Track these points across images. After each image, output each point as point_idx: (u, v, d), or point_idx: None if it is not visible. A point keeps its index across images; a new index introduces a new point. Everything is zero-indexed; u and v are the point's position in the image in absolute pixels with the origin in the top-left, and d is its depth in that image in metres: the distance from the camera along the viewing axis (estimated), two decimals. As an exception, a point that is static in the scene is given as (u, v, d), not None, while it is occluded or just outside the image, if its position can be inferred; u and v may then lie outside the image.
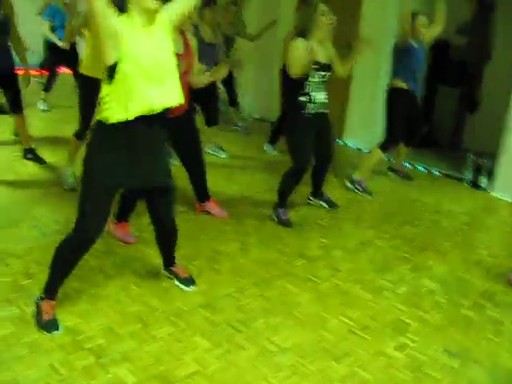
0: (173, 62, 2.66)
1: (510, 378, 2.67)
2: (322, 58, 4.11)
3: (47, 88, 7.69)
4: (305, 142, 4.24)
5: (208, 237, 3.98)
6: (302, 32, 4.11)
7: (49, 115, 7.54)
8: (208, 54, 4.94)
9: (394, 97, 5.14)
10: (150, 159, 2.73)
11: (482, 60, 6.42)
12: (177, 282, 3.28)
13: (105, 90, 2.55)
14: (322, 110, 4.23)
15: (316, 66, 4.05)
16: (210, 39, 5.04)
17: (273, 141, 6.38)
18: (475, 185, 5.67)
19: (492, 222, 4.80)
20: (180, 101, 2.68)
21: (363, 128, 6.71)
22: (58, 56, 7.06)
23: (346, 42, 6.76)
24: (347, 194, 5.16)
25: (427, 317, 3.15)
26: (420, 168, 6.22)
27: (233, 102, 7.39)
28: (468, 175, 5.76)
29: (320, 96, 4.18)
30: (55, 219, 4.05)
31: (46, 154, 5.53)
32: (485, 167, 5.61)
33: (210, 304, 3.10)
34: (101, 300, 3.05)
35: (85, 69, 4.42)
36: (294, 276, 3.51)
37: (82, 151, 4.65)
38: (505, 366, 2.77)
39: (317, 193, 4.79)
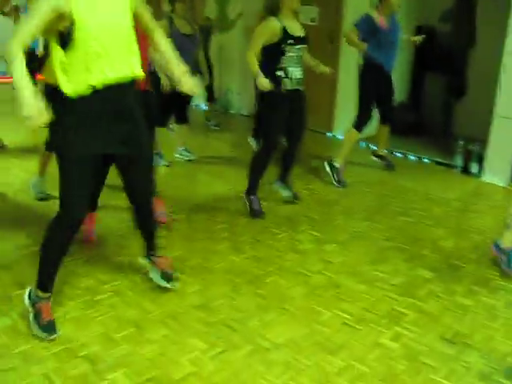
0: (129, 28, 2.58)
1: (505, 362, 2.67)
2: (294, 32, 4.09)
3: None
4: (277, 120, 4.20)
5: (200, 236, 3.97)
6: (271, 12, 4.08)
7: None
8: (185, 44, 4.89)
9: (365, 72, 5.13)
10: (119, 127, 2.62)
11: (467, 46, 6.42)
12: (152, 275, 3.19)
13: (58, 60, 2.44)
14: (298, 87, 4.20)
15: (291, 41, 4.03)
16: (185, 30, 5.05)
17: (256, 134, 6.17)
18: (466, 171, 5.66)
19: (484, 207, 4.78)
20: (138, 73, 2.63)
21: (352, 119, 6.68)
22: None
23: (328, 36, 6.73)
24: (339, 187, 5.14)
25: (423, 306, 3.14)
26: (411, 157, 6.21)
27: (210, 97, 7.52)
28: (458, 162, 5.75)
29: (297, 72, 4.14)
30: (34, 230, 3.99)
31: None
32: (475, 153, 5.59)
33: (204, 304, 3.09)
34: (94, 306, 3.02)
35: (46, 74, 3.86)
36: (286, 271, 3.50)
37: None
38: (500, 350, 2.76)
39: (284, 177, 4.63)
